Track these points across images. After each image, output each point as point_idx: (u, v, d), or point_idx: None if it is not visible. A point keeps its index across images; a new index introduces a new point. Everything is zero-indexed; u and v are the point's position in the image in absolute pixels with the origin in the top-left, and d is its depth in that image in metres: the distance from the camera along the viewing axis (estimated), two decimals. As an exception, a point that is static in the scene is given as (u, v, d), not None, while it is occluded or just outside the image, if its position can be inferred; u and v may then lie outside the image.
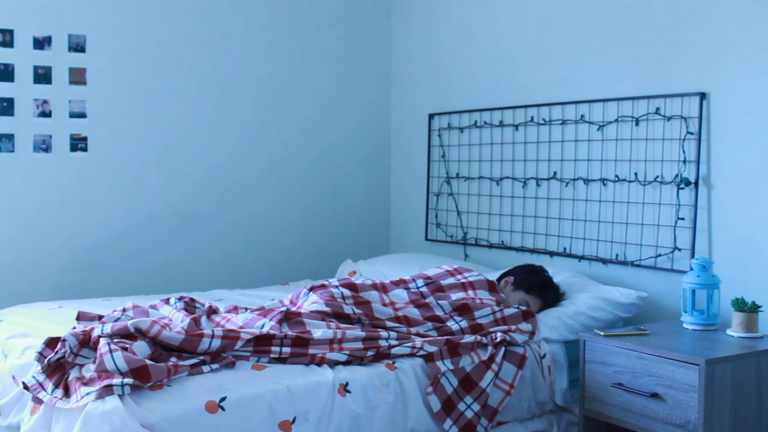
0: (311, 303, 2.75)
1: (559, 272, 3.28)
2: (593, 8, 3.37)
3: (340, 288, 2.84)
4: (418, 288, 3.04)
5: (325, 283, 2.91)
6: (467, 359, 2.59)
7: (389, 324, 2.71)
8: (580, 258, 3.42)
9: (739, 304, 2.66)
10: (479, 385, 2.56)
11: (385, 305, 2.81)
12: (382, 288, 2.96)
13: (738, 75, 2.87)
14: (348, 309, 2.71)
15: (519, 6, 3.72)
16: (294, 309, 2.73)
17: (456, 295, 2.96)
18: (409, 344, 2.55)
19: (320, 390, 2.30)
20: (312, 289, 2.88)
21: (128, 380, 2.08)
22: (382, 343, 2.55)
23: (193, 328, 2.40)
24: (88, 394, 2.06)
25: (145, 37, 3.83)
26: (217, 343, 2.34)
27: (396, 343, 2.56)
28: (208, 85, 4.00)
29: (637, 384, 2.55)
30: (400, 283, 3.07)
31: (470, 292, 2.99)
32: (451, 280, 3.08)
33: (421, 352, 2.54)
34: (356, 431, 2.35)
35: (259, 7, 4.12)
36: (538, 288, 3.06)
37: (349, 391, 2.35)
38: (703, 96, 2.96)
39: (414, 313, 2.80)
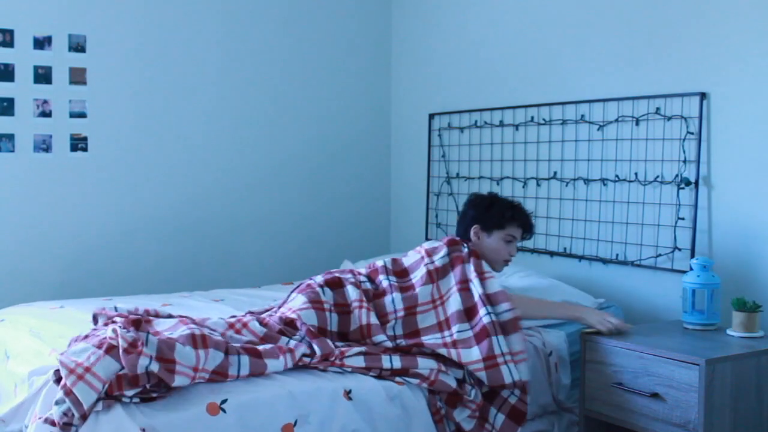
0: (300, 304, 2.68)
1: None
2: (593, 8, 3.37)
3: (324, 288, 2.72)
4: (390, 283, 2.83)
5: (311, 282, 2.79)
6: (461, 412, 2.50)
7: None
8: (580, 258, 3.42)
9: (739, 304, 2.66)
10: None
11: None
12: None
13: (738, 75, 2.87)
14: (328, 320, 2.64)
15: (519, 6, 3.72)
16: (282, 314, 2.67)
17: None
18: (416, 380, 2.45)
19: (322, 394, 2.29)
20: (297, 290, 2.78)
21: (136, 399, 2.07)
22: (385, 365, 2.46)
23: (221, 369, 2.26)
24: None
25: (145, 37, 3.83)
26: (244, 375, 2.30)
27: (399, 367, 2.46)
28: (207, 85, 4.00)
29: (637, 384, 2.55)
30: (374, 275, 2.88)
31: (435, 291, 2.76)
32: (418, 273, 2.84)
33: (424, 385, 2.46)
34: (359, 435, 2.34)
35: (259, 8, 4.12)
36: (509, 214, 2.91)
37: (351, 398, 2.33)
38: (703, 96, 2.97)
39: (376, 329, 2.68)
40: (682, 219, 3.04)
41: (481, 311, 2.61)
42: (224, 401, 2.15)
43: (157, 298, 3.32)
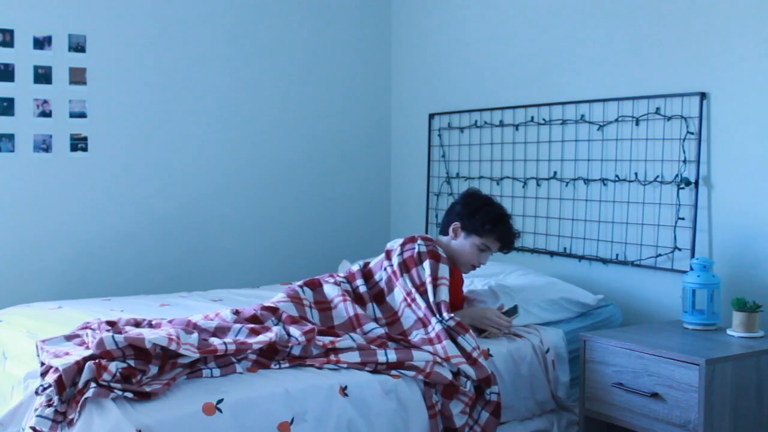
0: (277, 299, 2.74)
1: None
2: (593, 7, 3.37)
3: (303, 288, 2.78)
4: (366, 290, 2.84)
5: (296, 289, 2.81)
6: (456, 405, 2.50)
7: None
8: (580, 258, 3.42)
9: (739, 304, 2.66)
10: None
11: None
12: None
13: (738, 75, 2.86)
14: (309, 314, 2.69)
15: (519, 6, 3.71)
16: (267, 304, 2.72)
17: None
18: (411, 372, 2.46)
19: (318, 391, 2.29)
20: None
21: (129, 393, 2.07)
22: (381, 358, 2.47)
23: (204, 345, 2.32)
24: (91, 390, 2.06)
25: (145, 37, 3.83)
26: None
27: (394, 360, 2.47)
28: (207, 85, 4.00)
29: (637, 384, 2.55)
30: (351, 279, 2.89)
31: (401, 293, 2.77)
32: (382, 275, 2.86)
33: (420, 377, 2.47)
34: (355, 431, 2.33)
35: (259, 8, 4.12)
36: (489, 227, 2.87)
37: (347, 394, 2.33)
38: (703, 96, 2.96)
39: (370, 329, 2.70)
40: (682, 219, 3.03)
41: (432, 320, 2.66)
42: (220, 401, 2.15)
43: (155, 299, 3.31)
